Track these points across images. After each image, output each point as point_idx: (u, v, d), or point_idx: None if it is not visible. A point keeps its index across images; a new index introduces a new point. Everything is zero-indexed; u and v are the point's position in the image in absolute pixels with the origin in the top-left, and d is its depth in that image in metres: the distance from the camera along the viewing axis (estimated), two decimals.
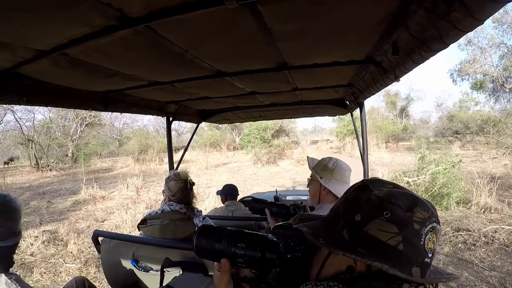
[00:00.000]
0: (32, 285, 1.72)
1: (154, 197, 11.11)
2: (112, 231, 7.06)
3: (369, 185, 0.86)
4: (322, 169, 2.11)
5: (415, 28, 1.21)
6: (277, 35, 1.42)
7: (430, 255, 0.78)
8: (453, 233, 6.34)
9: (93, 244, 2.50)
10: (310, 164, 2.21)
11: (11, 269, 1.71)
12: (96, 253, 5.54)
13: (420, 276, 0.76)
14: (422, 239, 0.77)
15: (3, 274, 1.55)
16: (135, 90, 2.49)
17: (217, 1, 1.05)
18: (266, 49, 1.62)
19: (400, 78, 1.78)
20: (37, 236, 6.79)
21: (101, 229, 7.06)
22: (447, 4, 0.94)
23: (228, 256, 0.98)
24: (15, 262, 1.77)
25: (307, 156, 2.33)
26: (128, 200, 10.90)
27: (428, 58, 1.33)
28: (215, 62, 1.89)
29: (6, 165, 22.29)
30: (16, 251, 1.78)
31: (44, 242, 6.49)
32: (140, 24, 1.21)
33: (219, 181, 14.09)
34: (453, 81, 27.03)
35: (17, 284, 1.55)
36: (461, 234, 6.23)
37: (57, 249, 6.28)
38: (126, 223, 7.80)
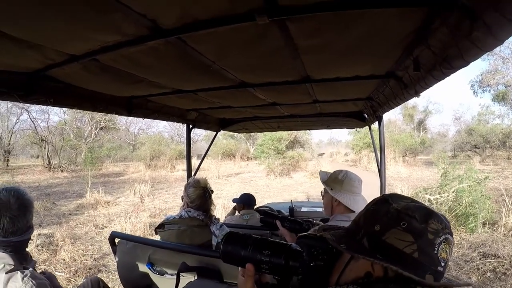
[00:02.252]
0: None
1: (159, 206, 10.94)
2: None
3: (388, 199, 0.94)
4: (332, 181, 2.15)
5: (437, 45, 1.24)
6: (302, 49, 1.46)
7: (443, 264, 0.84)
8: (480, 259, 5.68)
9: (86, 253, 2.53)
10: (323, 177, 2.24)
11: None
12: (89, 262, 5.61)
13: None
14: (436, 249, 0.83)
15: (18, 272, 1.57)
16: (158, 97, 2.56)
17: (248, 17, 1.09)
18: (290, 62, 1.66)
19: (421, 94, 1.79)
20: (32, 239, 6.32)
21: (98, 237, 7.11)
22: (470, 23, 0.96)
23: (253, 262, 1.03)
24: None
25: (320, 170, 2.38)
26: (133, 207, 10.64)
27: (449, 75, 1.35)
28: (240, 73, 1.93)
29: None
30: None
31: (38, 246, 6.29)
32: (172, 35, 1.25)
33: (229, 192, 13.92)
34: (474, 93, 26.41)
35: (34, 281, 1.57)
36: (489, 261, 5.54)
37: (50, 255, 6.04)
38: (126, 232, 7.32)
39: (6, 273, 1.54)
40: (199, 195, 2.38)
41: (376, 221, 0.90)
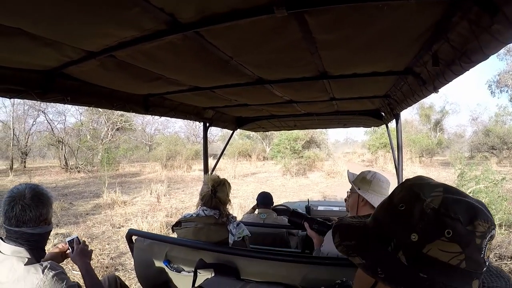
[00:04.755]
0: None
1: (176, 205, 10.97)
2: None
3: (419, 194, 0.75)
4: (360, 181, 2.13)
5: (456, 40, 1.22)
6: (320, 44, 1.45)
7: (487, 263, 0.72)
8: (496, 260, 5.67)
9: (102, 252, 2.55)
10: (350, 177, 2.22)
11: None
12: (105, 261, 5.64)
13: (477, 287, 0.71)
14: (483, 252, 0.70)
15: (38, 264, 1.60)
16: (175, 94, 2.57)
17: (267, 10, 1.08)
18: (308, 57, 1.65)
19: (439, 90, 1.76)
20: (49, 239, 6.59)
21: (115, 236, 7.18)
22: (490, 16, 0.95)
23: None
24: None
25: (347, 170, 2.36)
26: (150, 207, 10.62)
27: (468, 70, 1.33)
28: (257, 69, 1.93)
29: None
30: None
31: (55, 246, 6.11)
32: (190, 29, 1.25)
33: (245, 192, 13.95)
34: (491, 93, 26.11)
35: (54, 272, 1.60)
36: (505, 263, 5.53)
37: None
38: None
39: (24, 265, 1.56)
40: (205, 193, 2.39)
41: (412, 228, 0.73)
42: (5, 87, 1.70)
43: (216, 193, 2.39)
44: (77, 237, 2.18)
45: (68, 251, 2.16)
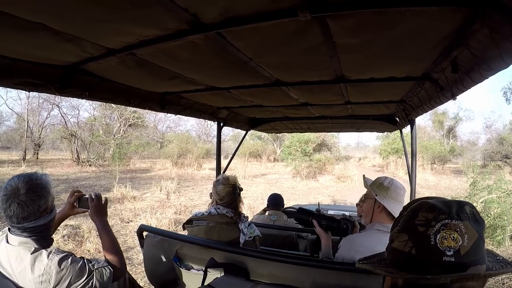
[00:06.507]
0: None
1: (185, 203, 11.00)
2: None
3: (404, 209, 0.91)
4: (377, 187, 2.09)
5: (476, 47, 1.21)
6: (340, 48, 1.45)
7: (449, 253, 0.77)
8: (508, 275, 5.24)
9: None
10: (366, 182, 2.19)
11: None
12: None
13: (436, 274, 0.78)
14: (432, 240, 0.78)
15: (43, 250, 1.60)
16: (191, 93, 2.59)
17: (290, 13, 1.08)
18: (327, 61, 1.65)
19: (457, 97, 1.74)
20: (59, 230, 6.41)
21: (124, 230, 7.18)
22: (511, 24, 0.94)
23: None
24: None
25: (363, 175, 2.32)
26: (159, 203, 10.67)
27: (488, 77, 1.32)
28: (275, 71, 1.93)
29: None
30: None
31: (64, 237, 6.45)
32: (212, 30, 1.26)
33: (254, 193, 13.94)
34: (506, 100, 25.49)
35: (59, 256, 1.59)
36: None
37: (76, 245, 6.20)
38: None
39: (31, 253, 1.56)
40: (229, 193, 2.38)
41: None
42: (25, 80, 1.72)
43: (239, 193, 2.43)
44: (93, 193, 2.07)
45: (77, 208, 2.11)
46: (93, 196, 2.03)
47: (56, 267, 1.56)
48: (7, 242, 1.62)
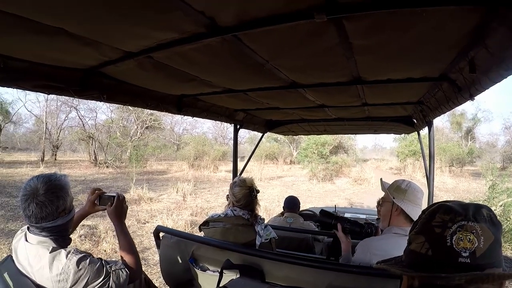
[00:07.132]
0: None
1: (201, 205, 11.00)
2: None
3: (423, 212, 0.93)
4: (395, 190, 2.07)
5: (494, 46, 1.19)
6: (356, 49, 1.44)
7: (465, 254, 0.78)
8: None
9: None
10: (384, 186, 2.17)
11: None
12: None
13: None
14: (448, 241, 0.79)
15: (62, 250, 1.63)
16: (208, 96, 2.61)
17: (306, 15, 1.08)
18: (343, 62, 1.64)
19: (475, 97, 1.71)
20: (76, 230, 6.64)
21: (140, 231, 7.26)
22: None
23: None
24: None
25: (380, 179, 2.31)
26: (175, 205, 10.73)
27: (506, 77, 1.30)
28: (291, 73, 1.93)
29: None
30: None
31: (81, 236, 6.54)
32: (229, 33, 1.27)
33: (271, 195, 13.88)
34: None
35: (77, 256, 1.62)
36: None
37: (92, 245, 6.27)
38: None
39: (50, 252, 1.59)
40: (245, 195, 2.39)
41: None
42: (44, 83, 1.76)
43: (256, 195, 2.44)
44: (116, 194, 2.15)
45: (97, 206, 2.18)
46: (119, 196, 2.11)
47: (75, 267, 1.59)
48: (26, 240, 1.66)
